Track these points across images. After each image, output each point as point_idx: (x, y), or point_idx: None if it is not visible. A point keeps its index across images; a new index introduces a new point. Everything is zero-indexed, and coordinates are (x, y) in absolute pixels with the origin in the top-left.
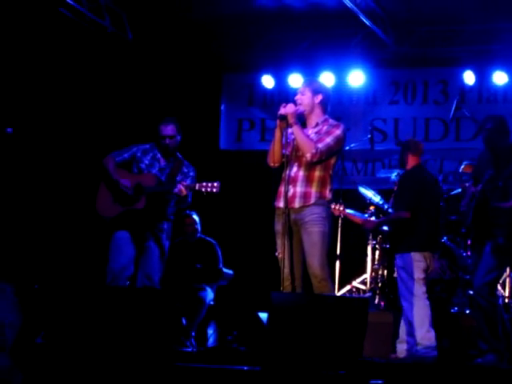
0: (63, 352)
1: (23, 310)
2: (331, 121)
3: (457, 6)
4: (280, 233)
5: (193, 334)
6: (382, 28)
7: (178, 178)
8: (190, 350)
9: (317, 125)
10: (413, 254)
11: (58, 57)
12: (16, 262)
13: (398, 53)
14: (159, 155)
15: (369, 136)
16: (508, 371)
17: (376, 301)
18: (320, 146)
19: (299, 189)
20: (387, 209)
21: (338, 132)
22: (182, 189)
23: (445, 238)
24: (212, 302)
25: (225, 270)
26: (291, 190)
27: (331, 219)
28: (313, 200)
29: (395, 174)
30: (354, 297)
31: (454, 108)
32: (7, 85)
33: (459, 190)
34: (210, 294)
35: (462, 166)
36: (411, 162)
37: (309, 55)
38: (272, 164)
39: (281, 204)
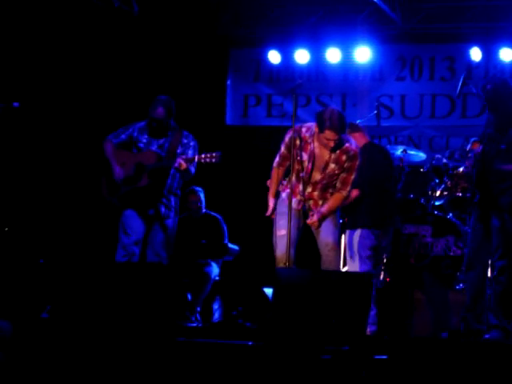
0: (69, 327)
1: (28, 285)
2: (346, 148)
3: None
4: (286, 214)
5: (198, 309)
6: (389, 4)
7: (178, 151)
8: (195, 325)
9: (335, 149)
10: (360, 230)
11: (64, 32)
12: (22, 238)
13: (405, 29)
14: (155, 131)
15: (375, 112)
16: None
17: (381, 277)
18: (347, 190)
19: (317, 202)
20: None
21: (357, 164)
22: (182, 162)
23: (450, 214)
24: (217, 278)
25: (230, 246)
26: (310, 202)
27: None
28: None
29: (401, 150)
30: (359, 272)
31: (460, 84)
32: (14, 60)
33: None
34: (215, 270)
35: (470, 145)
36: (361, 140)
37: (315, 31)
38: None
39: (294, 204)
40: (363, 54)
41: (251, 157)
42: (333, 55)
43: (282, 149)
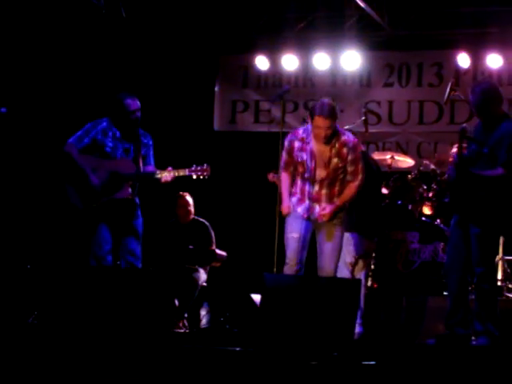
0: (55, 332)
1: (15, 291)
2: (344, 140)
3: None
4: (298, 217)
5: (185, 315)
6: (377, 10)
7: (142, 152)
8: (182, 331)
9: (334, 143)
10: (349, 235)
11: (52, 36)
12: (9, 244)
13: (393, 35)
14: (118, 133)
15: (363, 118)
16: (501, 354)
17: (369, 283)
18: (359, 179)
19: (324, 204)
20: None
21: (360, 154)
22: (169, 177)
23: (438, 220)
24: (205, 284)
25: (218, 252)
26: (317, 208)
27: None
28: (328, 208)
29: (389, 156)
30: (346, 278)
31: (448, 91)
32: (1, 65)
33: None
34: (202, 276)
35: (454, 150)
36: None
37: (304, 37)
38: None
39: (305, 214)
40: (351, 60)
41: (239, 163)
42: (321, 61)
43: (284, 154)
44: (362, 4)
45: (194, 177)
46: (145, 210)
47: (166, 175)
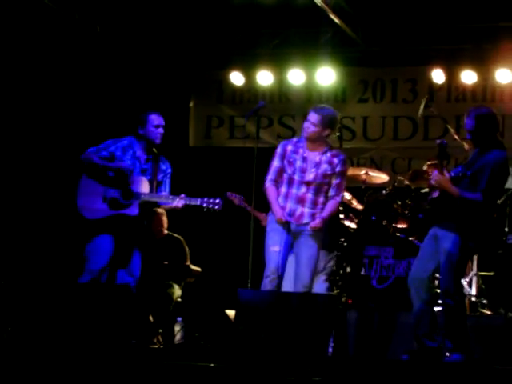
0: (30, 348)
1: None
2: (335, 153)
3: (426, 5)
4: (278, 230)
5: (160, 330)
6: (352, 26)
7: (159, 178)
8: (157, 346)
9: (325, 152)
10: None
11: (30, 49)
12: None
13: (367, 51)
14: (139, 152)
15: (337, 134)
16: (473, 369)
17: (343, 299)
18: (340, 196)
19: (307, 210)
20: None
21: (346, 170)
22: (180, 204)
23: (412, 235)
24: (179, 299)
25: (192, 267)
26: (299, 210)
27: None
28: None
29: (363, 172)
30: (322, 294)
31: (422, 106)
32: None
33: (426, 189)
34: (177, 291)
35: (425, 167)
36: None
37: (278, 52)
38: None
39: (288, 218)
40: (326, 75)
41: (214, 178)
42: (296, 77)
43: (274, 162)
44: (336, 20)
45: (205, 209)
46: None
47: (178, 201)
